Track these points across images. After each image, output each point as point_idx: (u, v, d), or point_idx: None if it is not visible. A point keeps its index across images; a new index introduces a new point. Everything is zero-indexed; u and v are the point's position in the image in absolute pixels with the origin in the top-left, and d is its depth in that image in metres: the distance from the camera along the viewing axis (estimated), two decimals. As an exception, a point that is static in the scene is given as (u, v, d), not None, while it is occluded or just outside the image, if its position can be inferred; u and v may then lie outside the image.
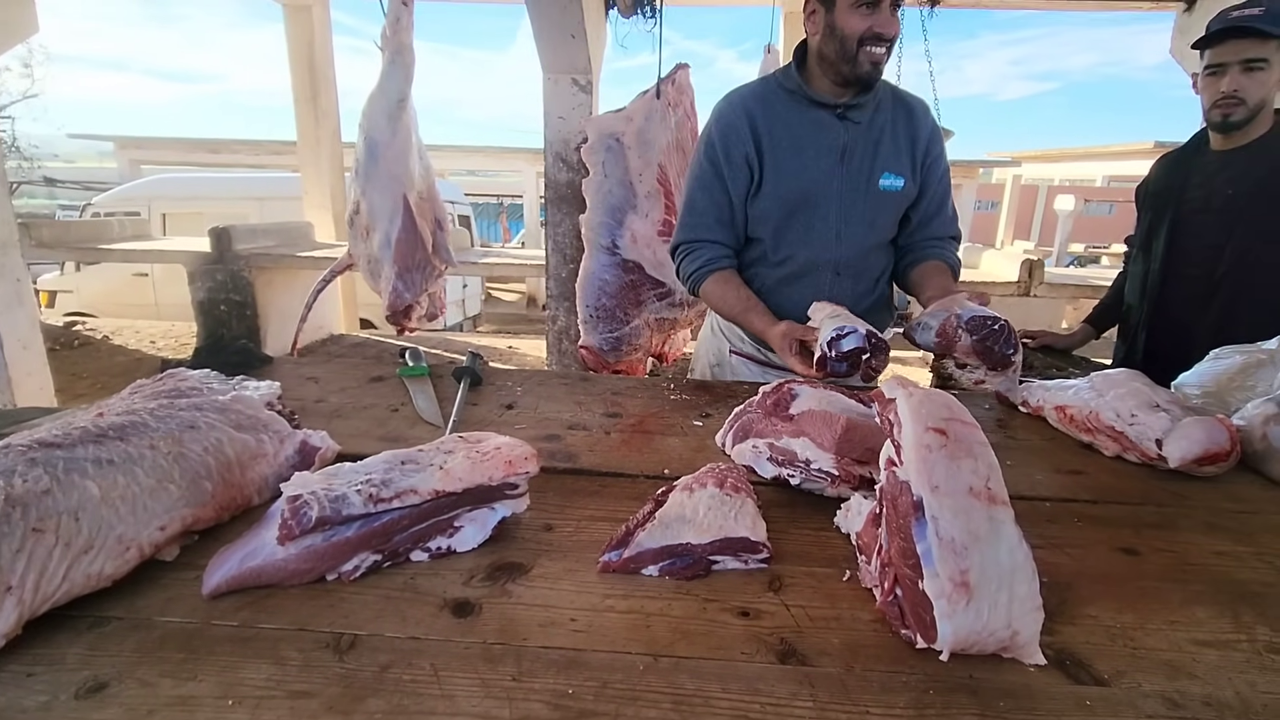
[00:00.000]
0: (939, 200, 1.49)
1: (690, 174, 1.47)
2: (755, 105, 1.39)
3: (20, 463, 0.67)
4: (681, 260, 1.47)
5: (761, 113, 1.38)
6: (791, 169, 1.37)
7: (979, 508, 0.60)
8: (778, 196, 1.38)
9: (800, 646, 0.62)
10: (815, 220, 1.39)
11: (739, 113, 1.39)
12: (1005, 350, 1.12)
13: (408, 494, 0.70)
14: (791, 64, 1.40)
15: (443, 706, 0.54)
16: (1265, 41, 1.46)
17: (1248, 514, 0.90)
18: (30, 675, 0.56)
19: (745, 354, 1.55)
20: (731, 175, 1.39)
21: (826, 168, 1.37)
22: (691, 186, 1.45)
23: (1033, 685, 0.58)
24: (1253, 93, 1.50)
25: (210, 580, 0.66)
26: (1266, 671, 0.61)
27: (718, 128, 1.41)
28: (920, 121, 1.45)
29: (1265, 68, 1.48)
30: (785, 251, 1.42)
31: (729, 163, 1.39)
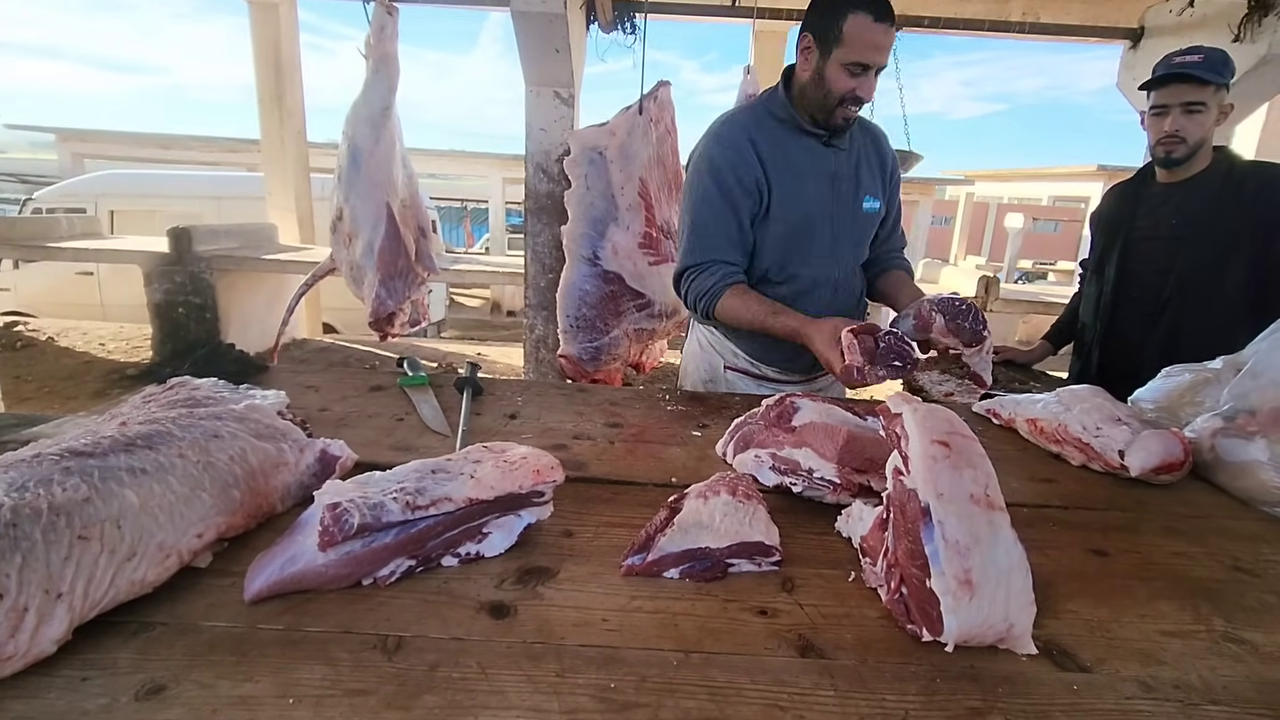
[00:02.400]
0: (896, 217, 1.64)
1: (692, 199, 1.46)
2: (756, 133, 1.43)
3: (56, 472, 0.68)
4: (693, 281, 1.45)
5: (762, 140, 1.42)
6: (794, 194, 1.43)
7: (980, 512, 0.66)
8: (783, 220, 1.44)
9: (817, 641, 0.67)
10: (814, 243, 1.47)
11: (743, 139, 1.42)
12: (975, 326, 1.24)
13: (443, 501, 0.73)
14: (779, 92, 1.46)
15: (495, 701, 0.57)
16: (1204, 87, 1.61)
17: (1200, 518, 0.99)
18: (85, 679, 0.57)
19: (740, 369, 1.58)
20: (743, 198, 1.42)
21: (821, 193, 1.45)
22: (697, 210, 1.44)
23: (1026, 673, 0.65)
24: (1192, 132, 1.65)
25: (252, 585, 0.68)
26: (1224, 658, 0.69)
27: (723, 153, 1.42)
28: (884, 147, 1.59)
29: (1203, 110, 1.63)
30: (790, 271, 1.49)
31: (740, 186, 1.41)
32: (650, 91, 2.59)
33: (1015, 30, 3.84)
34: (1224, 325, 1.61)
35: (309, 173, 5.72)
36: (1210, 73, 1.59)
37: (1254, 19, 2.87)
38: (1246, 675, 0.66)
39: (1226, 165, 1.71)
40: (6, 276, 6.98)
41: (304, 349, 5.35)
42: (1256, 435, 1.04)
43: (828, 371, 1.25)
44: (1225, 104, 1.65)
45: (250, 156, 11.57)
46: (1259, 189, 1.64)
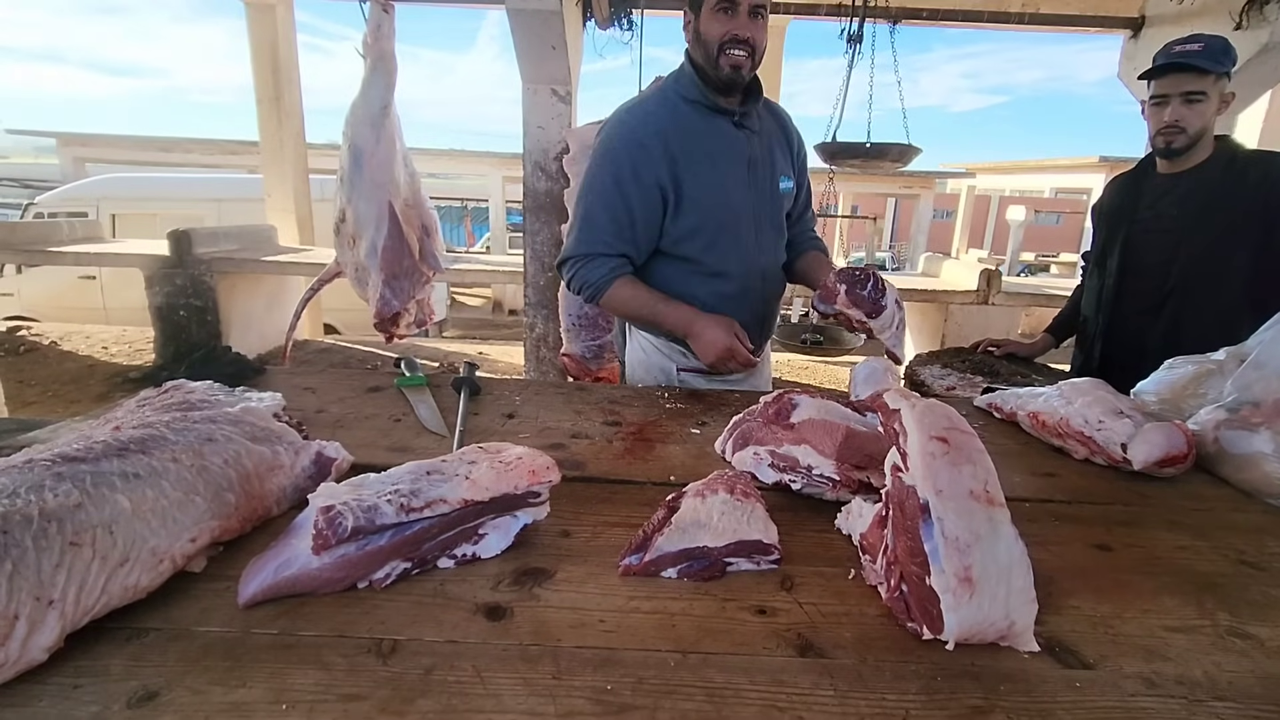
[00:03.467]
0: (807, 198, 1.66)
1: (587, 188, 1.44)
2: (668, 123, 1.41)
3: (47, 477, 0.67)
4: (577, 269, 1.45)
5: (674, 130, 1.40)
6: (711, 183, 1.42)
7: (979, 509, 0.65)
8: (703, 211, 1.42)
9: (816, 641, 0.67)
10: (740, 230, 1.46)
11: (651, 133, 1.40)
12: (874, 295, 1.29)
13: (438, 503, 0.73)
14: (686, 74, 1.44)
15: (490, 705, 0.57)
16: (1204, 76, 1.59)
17: (1203, 511, 0.98)
18: (77, 687, 0.57)
19: (693, 369, 1.53)
20: (640, 194, 1.39)
21: (740, 178, 1.45)
22: (590, 202, 1.43)
23: (1028, 670, 0.64)
24: (1193, 122, 1.63)
25: (246, 590, 0.67)
26: (1229, 653, 0.68)
27: (625, 146, 1.40)
28: (790, 126, 1.60)
29: (1204, 100, 1.61)
30: (718, 265, 1.47)
31: (637, 181, 1.39)
32: (647, 88, 2.58)
33: (1015, 21, 3.82)
34: (1227, 316, 1.59)
35: (308, 174, 5.72)
36: (1210, 61, 1.57)
37: (1256, 6, 2.85)
38: (1252, 670, 0.65)
39: (1228, 155, 1.69)
40: (9, 281, 7.00)
41: (306, 350, 5.35)
42: (1261, 427, 1.03)
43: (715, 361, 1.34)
44: (1226, 93, 1.64)
45: (250, 158, 11.57)
46: (1261, 179, 1.63)
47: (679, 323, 1.39)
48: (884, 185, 14.90)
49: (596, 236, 1.43)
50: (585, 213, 1.44)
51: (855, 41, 2.68)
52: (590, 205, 1.44)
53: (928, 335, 5.20)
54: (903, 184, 14.07)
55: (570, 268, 1.47)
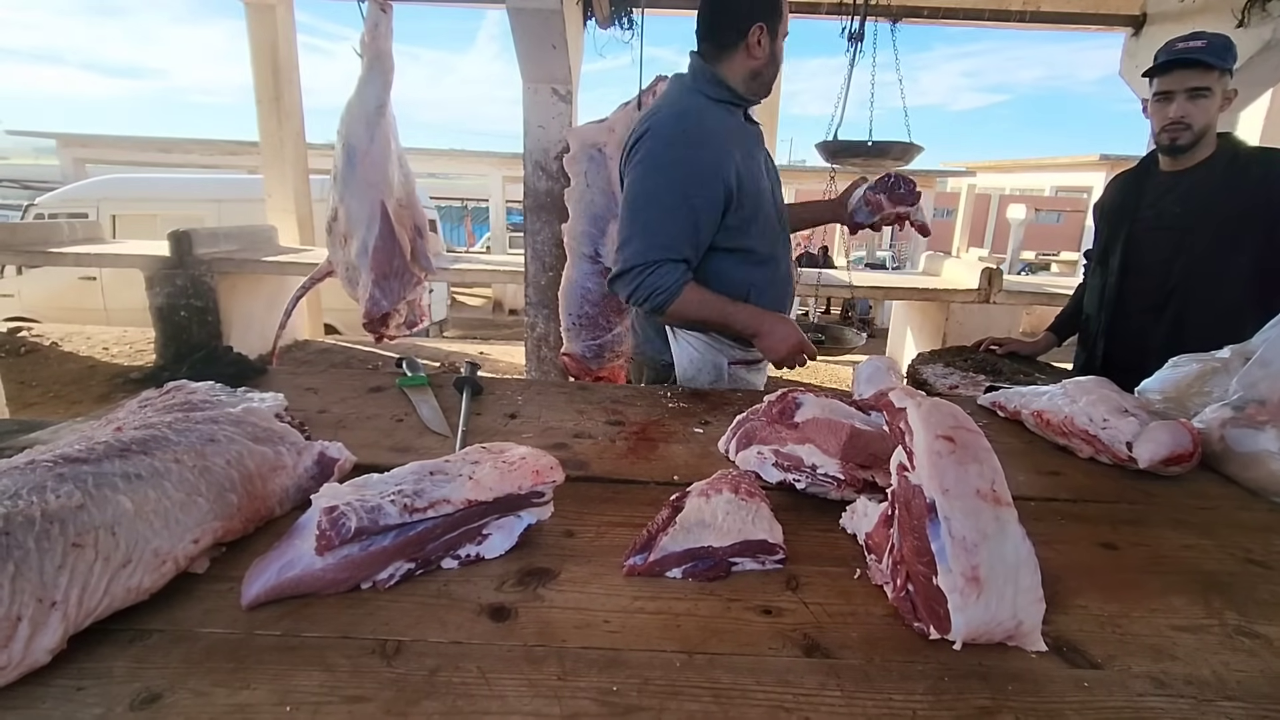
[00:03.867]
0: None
1: (645, 196, 1.44)
2: (716, 123, 1.46)
3: (49, 479, 0.67)
4: (643, 279, 1.43)
5: (722, 129, 1.47)
6: (752, 174, 1.51)
7: (986, 508, 0.65)
8: (753, 201, 1.50)
9: (822, 641, 0.66)
10: (772, 217, 1.57)
11: (711, 134, 1.44)
12: (910, 187, 1.70)
13: (441, 504, 0.73)
14: (707, 74, 1.51)
15: (495, 706, 0.56)
16: (1208, 72, 1.59)
17: (1209, 510, 0.98)
18: (80, 689, 0.56)
19: (743, 360, 1.59)
20: (707, 196, 1.42)
21: (763, 167, 1.57)
22: (650, 210, 1.43)
23: (1035, 670, 0.64)
24: (1197, 118, 1.62)
25: (249, 591, 0.67)
26: (1238, 652, 0.67)
27: (692, 150, 1.42)
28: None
29: (1208, 96, 1.60)
30: (768, 250, 1.56)
31: (705, 184, 1.42)
32: (649, 87, 2.57)
33: (1016, 19, 3.81)
34: (1230, 314, 1.59)
35: (308, 174, 5.72)
36: (1214, 57, 1.57)
37: (1258, 4, 2.84)
38: (1261, 670, 0.65)
39: (1231, 152, 1.69)
40: (10, 282, 7.00)
41: (306, 350, 5.35)
42: (1267, 425, 1.02)
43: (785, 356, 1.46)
44: (1229, 90, 1.63)
45: (250, 159, 11.57)
46: (1264, 176, 1.62)
47: (749, 322, 1.46)
48: (884, 184, 14.86)
49: (661, 243, 1.42)
50: (646, 221, 1.44)
51: (856, 40, 2.68)
52: (652, 213, 1.43)
53: (929, 334, 5.20)
54: (903, 183, 14.03)
55: (634, 278, 1.44)
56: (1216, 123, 1.67)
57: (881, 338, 7.01)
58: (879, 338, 7.32)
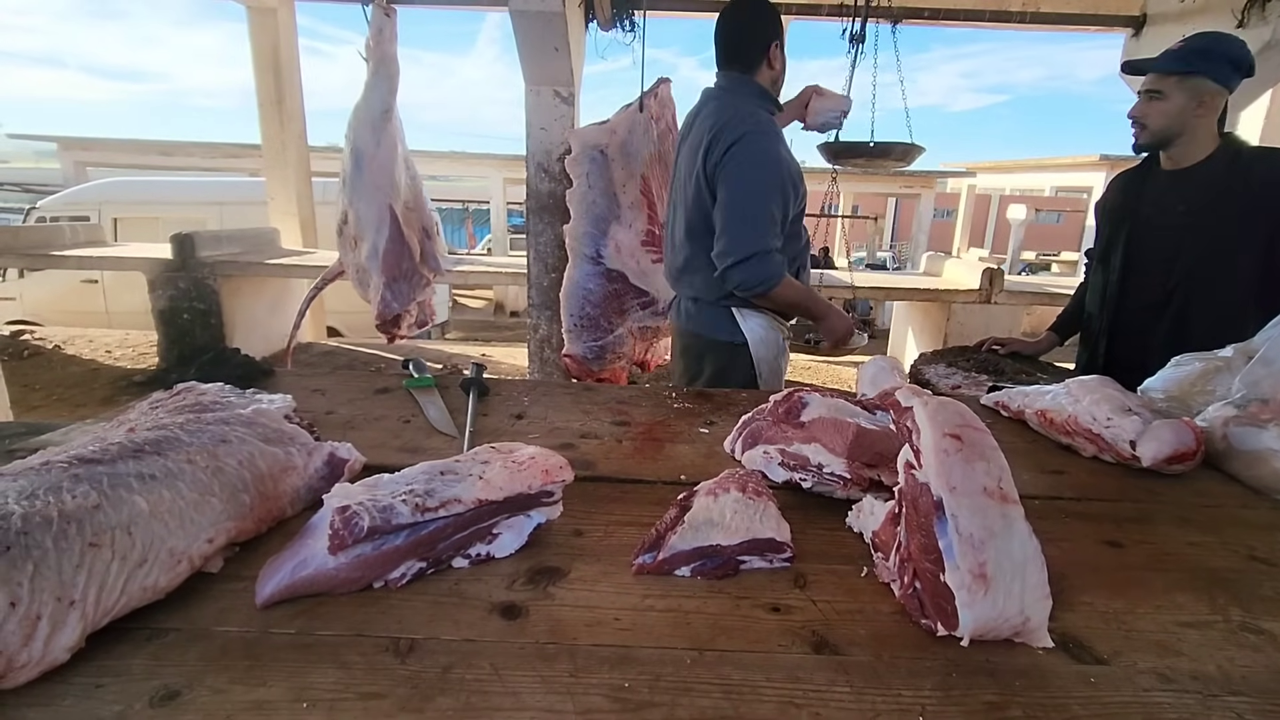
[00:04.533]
0: None
1: (749, 189, 1.64)
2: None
3: (65, 479, 0.68)
4: (755, 267, 1.63)
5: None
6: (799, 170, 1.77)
7: (993, 506, 0.65)
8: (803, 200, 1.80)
9: (831, 638, 0.67)
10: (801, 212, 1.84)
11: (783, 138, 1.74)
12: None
13: (452, 503, 0.73)
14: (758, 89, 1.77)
15: (509, 703, 0.57)
16: (1164, 76, 1.63)
17: (1213, 508, 0.99)
18: (99, 686, 0.57)
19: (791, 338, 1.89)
20: (793, 192, 1.70)
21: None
22: (755, 199, 1.64)
23: (1042, 666, 0.64)
24: (1153, 119, 1.67)
25: (264, 590, 0.68)
26: (1243, 648, 0.68)
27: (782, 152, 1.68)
28: None
29: (1161, 98, 1.64)
30: (803, 232, 1.84)
31: (793, 180, 1.69)
32: (651, 89, 2.58)
33: (1016, 20, 3.82)
34: (1232, 313, 1.59)
35: (310, 176, 5.72)
36: (1173, 62, 1.61)
37: (1258, 4, 2.85)
38: (1266, 665, 0.65)
39: (1232, 152, 1.69)
40: (11, 285, 7.01)
41: (309, 352, 5.35)
42: (1269, 423, 1.03)
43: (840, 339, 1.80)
44: (1205, 92, 1.62)
45: (251, 162, 11.58)
46: (1267, 175, 1.63)
47: (822, 307, 1.78)
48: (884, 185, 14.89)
49: (765, 234, 1.64)
50: (750, 214, 1.64)
51: (857, 42, 2.69)
52: (754, 206, 1.64)
53: (930, 334, 5.20)
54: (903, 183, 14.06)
55: (747, 267, 1.63)
56: (1193, 125, 1.66)
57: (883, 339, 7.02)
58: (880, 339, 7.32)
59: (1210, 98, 1.62)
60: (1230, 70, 1.62)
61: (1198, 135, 1.67)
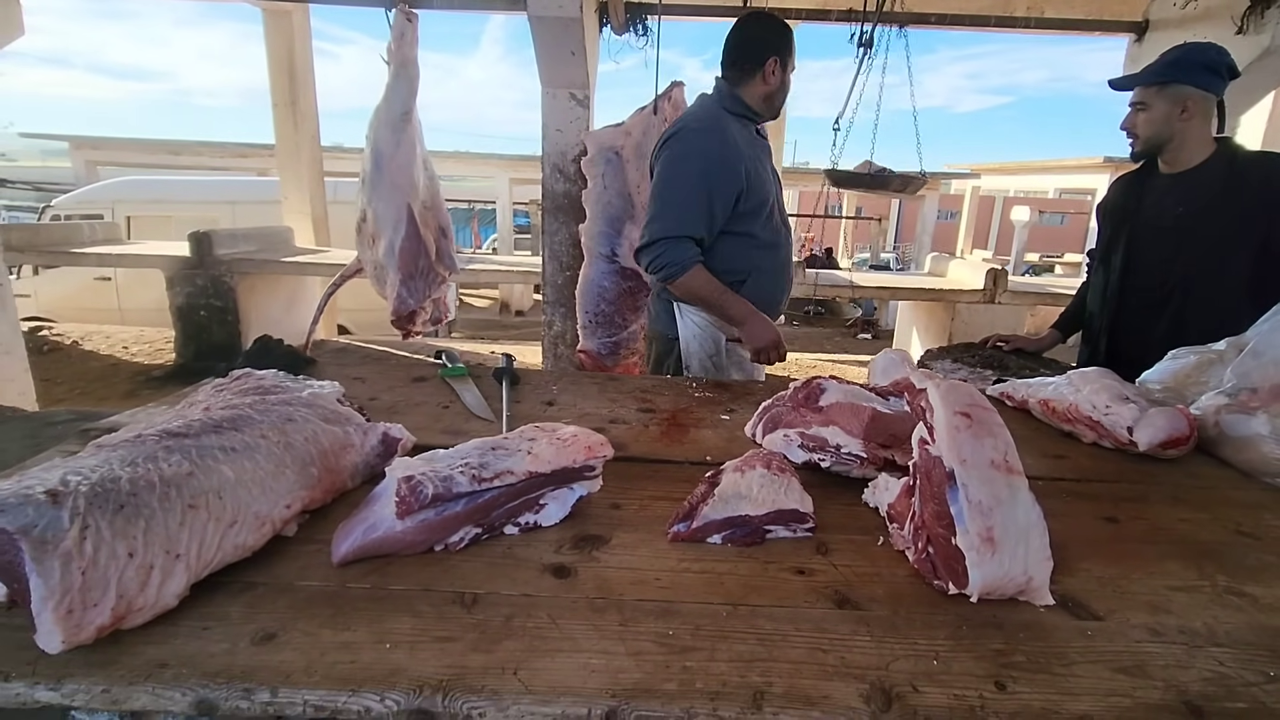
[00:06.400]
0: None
1: (669, 181, 1.68)
2: (733, 129, 1.72)
3: (159, 450, 0.75)
4: (662, 250, 1.66)
5: (740, 139, 1.73)
6: (761, 181, 1.76)
7: (1000, 477, 0.72)
8: (761, 194, 1.75)
9: (852, 596, 0.74)
10: (775, 212, 1.83)
11: (729, 135, 1.70)
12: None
13: (505, 474, 0.80)
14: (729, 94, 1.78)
15: (567, 646, 0.64)
16: (1145, 88, 1.73)
17: (1205, 489, 1.05)
18: (206, 629, 0.64)
19: (736, 339, 1.80)
20: (724, 183, 1.67)
21: (770, 171, 1.83)
22: (673, 192, 1.67)
23: (1044, 621, 0.71)
24: (1141, 128, 1.75)
25: (339, 550, 0.75)
26: (1227, 608, 0.75)
27: (713, 145, 1.67)
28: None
29: (1145, 109, 1.72)
30: (771, 239, 1.82)
31: (724, 172, 1.67)
32: (664, 92, 2.65)
33: (1021, 25, 3.88)
34: (1228, 311, 1.65)
35: (323, 176, 5.81)
36: (1150, 75, 1.69)
37: (1257, 11, 2.91)
38: (1247, 623, 0.72)
39: (1229, 156, 1.75)
40: (26, 283, 7.10)
41: (322, 350, 5.42)
42: (1258, 411, 1.09)
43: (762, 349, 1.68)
44: (1189, 99, 1.68)
45: (259, 161, 11.68)
46: (1263, 179, 1.69)
47: (740, 312, 1.68)
48: (888, 186, 14.90)
49: (679, 222, 1.66)
50: (673, 202, 1.68)
51: (866, 47, 2.75)
52: (673, 195, 1.68)
53: (935, 334, 5.26)
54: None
55: (655, 250, 1.67)
56: (1180, 130, 1.72)
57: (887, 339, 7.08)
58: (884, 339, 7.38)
59: (1194, 103, 1.69)
60: (1207, 75, 1.69)
61: (1189, 140, 1.74)
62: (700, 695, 0.58)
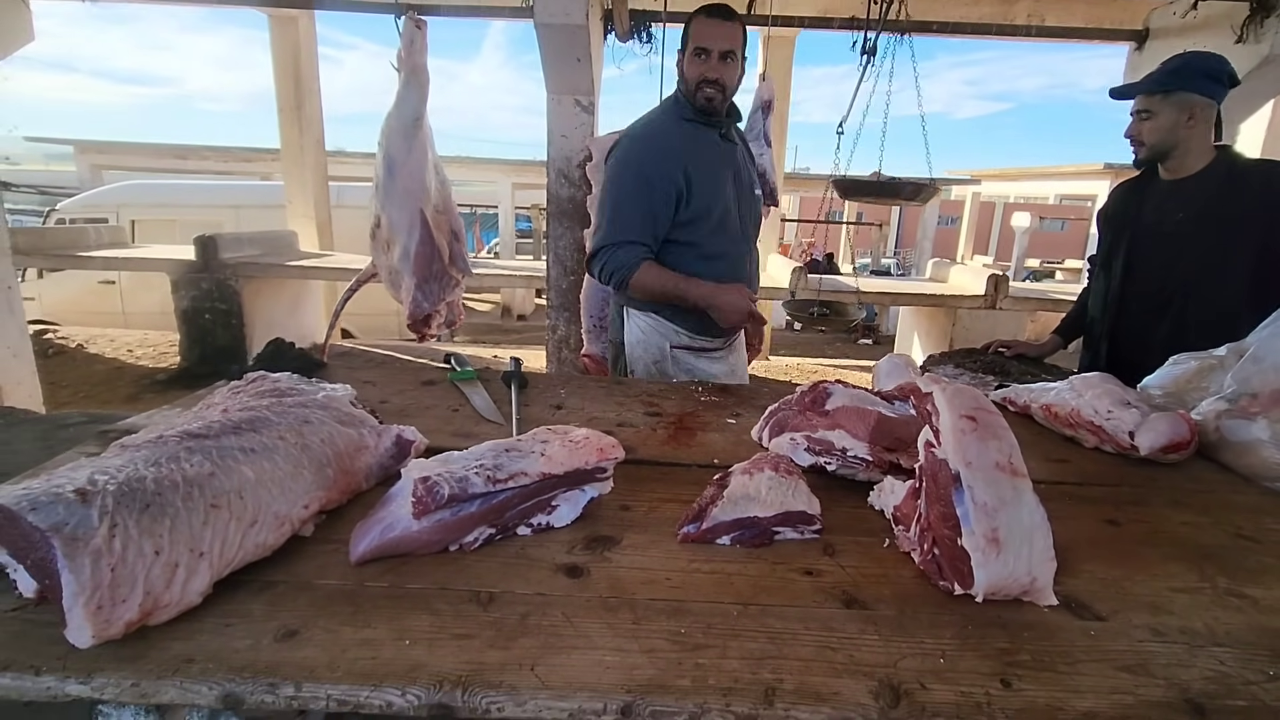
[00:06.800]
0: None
1: (612, 189, 1.70)
2: (676, 136, 1.69)
3: (180, 450, 0.77)
4: (608, 258, 1.67)
5: (681, 141, 1.68)
6: (709, 181, 1.70)
7: (1004, 478, 0.74)
8: (705, 203, 1.69)
9: (860, 596, 0.75)
10: (729, 221, 1.75)
11: (668, 144, 1.68)
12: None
13: (519, 475, 0.82)
14: (682, 98, 1.73)
15: (582, 643, 0.65)
16: (1149, 96, 1.74)
17: (1206, 493, 1.07)
18: (229, 625, 0.66)
19: (684, 346, 1.79)
20: (662, 191, 1.65)
21: (728, 179, 1.74)
22: (617, 200, 1.69)
23: (1048, 621, 0.72)
24: (1147, 136, 1.77)
25: (357, 549, 0.76)
26: (1227, 609, 0.76)
27: (649, 154, 1.67)
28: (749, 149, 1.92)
29: (1151, 116, 1.74)
30: (715, 249, 1.75)
31: (659, 181, 1.64)
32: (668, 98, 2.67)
33: (1022, 34, 3.91)
34: (1228, 317, 1.67)
35: (327, 181, 5.84)
36: (1154, 83, 1.70)
37: (1256, 20, 2.94)
38: (1247, 623, 0.74)
39: (1228, 163, 1.77)
40: (31, 286, 7.13)
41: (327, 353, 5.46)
42: (1258, 416, 1.11)
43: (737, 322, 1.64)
44: (1193, 105, 1.70)
45: (263, 165, 11.73)
46: (1262, 186, 1.70)
47: (702, 294, 1.63)
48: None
49: (625, 228, 1.67)
50: (613, 209, 1.69)
51: (869, 55, 2.78)
52: (618, 203, 1.69)
53: (936, 339, 5.28)
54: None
55: (601, 257, 1.69)
56: (1185, 137, 1.75)
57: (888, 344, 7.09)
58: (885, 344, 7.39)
59: (1198, 110, 1.71)
60: (1209, 82, 1.71)
61: (1192, 147, 1.76)
62: (713, 691, 0.60)
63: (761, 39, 4.73)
